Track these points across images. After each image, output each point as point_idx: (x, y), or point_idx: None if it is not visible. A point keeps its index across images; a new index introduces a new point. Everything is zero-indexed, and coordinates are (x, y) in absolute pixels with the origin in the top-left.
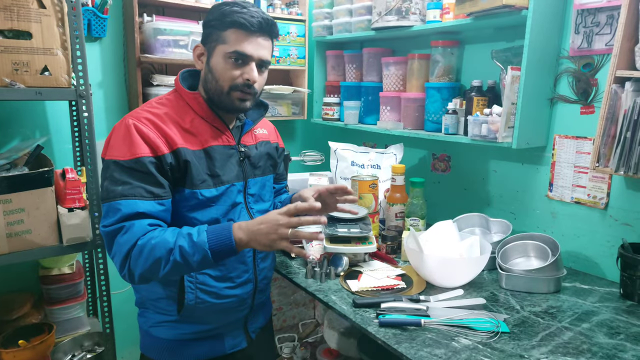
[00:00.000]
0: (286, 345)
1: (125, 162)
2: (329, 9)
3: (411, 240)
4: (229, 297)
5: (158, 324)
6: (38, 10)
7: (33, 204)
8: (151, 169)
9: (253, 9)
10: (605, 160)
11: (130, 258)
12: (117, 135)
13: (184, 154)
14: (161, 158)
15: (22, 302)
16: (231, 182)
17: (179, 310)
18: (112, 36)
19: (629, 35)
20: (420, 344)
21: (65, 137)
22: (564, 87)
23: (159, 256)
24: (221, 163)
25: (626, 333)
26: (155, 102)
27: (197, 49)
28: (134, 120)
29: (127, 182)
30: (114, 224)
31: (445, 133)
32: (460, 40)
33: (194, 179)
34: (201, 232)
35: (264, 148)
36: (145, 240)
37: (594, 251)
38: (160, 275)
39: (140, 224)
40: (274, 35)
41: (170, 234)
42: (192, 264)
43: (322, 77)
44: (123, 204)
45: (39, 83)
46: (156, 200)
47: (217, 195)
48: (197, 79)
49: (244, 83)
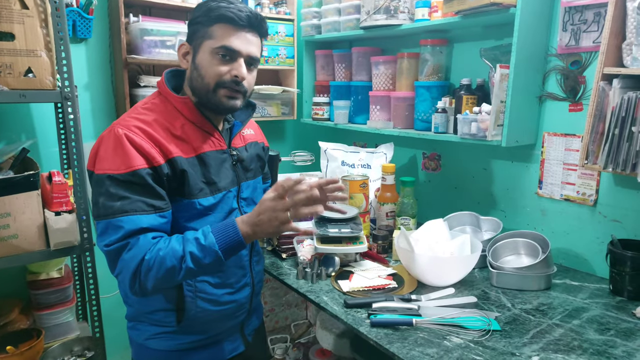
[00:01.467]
0: (279, 347)
1: (120, 175)
2: (317, 8)
3: (402, 239)
4: (228, 303)
5: (155, 335)
6: (20, 11)
7: (19, 209)
8: (149, 181)
9: (241, 5)
10: (594, 157)
11: (140, 273)
12: (107, 146)
13: (180, 163)
14: (157, 169)
15: (10, 307)
16: (227, 189)
17: (179, 321)
18: (98, 37)
19: (616, 32)
20: (412, 344)
21: (51, 140)
22: (552, 85)
23: (171, 266)
24: (216, 169)
25: (616, 329)
26: (142, 107)
27: (182, 48)
28: (124, 129)
29: (125, 196)
30: (117, 242)
31: (435, 132)
32: (449, 38)
33: (191, 188)
34: (207, 234)
35: (253, 149)
36: (153, 254)
37: (584, 248)
38: (174, 284)
39: (145, 239)
40: (263, 33)
41: (177, 242)
42: (205, 267)
43: (312, 76)
44: (125, 221)
45: (22, 85)
46: (157, 213)
47: (214, 204)
48: (181, 79)
49: (232, 80)
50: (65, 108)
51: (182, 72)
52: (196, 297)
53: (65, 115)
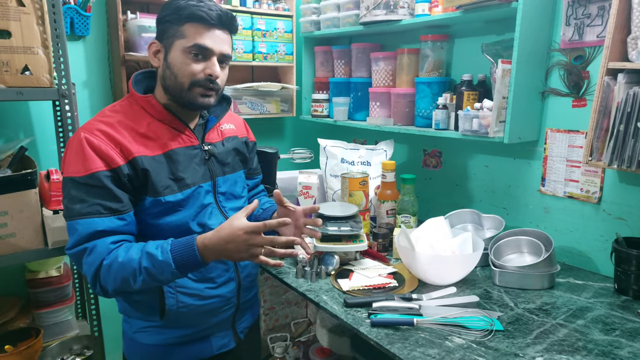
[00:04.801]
0: (278, 345)
1: (80, 178)
2: (316, 4)
3: (402, 237)
4: (212, 297)
5: (142, 329)
6: (17, 8)
7: (17, 207)
8: (107, 183)
9: (210, 3)
10: (598, 153)
11: (100, 277)
12: (70, 150)
13: (141, 162)
14: (117, 170)
15: (9, 306)
16: (197, 184)
17: (162, 316)
18: (96, 34)
19: (620, 26)
20: (413, 344)
21: (49, 137)
22: (555, 80)
23: (126, 276)
24: (184, 165)
25: (621, 329)
26: (109, 110)
27: (153, 46)
28: (86, 133)
29: (83, 199)
30: (75, 246)
31: (436, 128)
32: (449, 34)
33: (155, 186)
34: (165, 251)
35: (231, 144)
36: (110, 260)
37: (588, 246)
38: (133, 290)
39: (102, 244)
40: (234, 30)
41: (136, 252)
42: (162, 281)
43: (311, 73)
44: (81, 224)
45: (19, 83)
46: (115, 215)
47: (183, 199)
48: (153, 80)
49: (206, 78)
50: (63, 106)
51: (153, 72)
52: (177, 292)
53: (63, 113)
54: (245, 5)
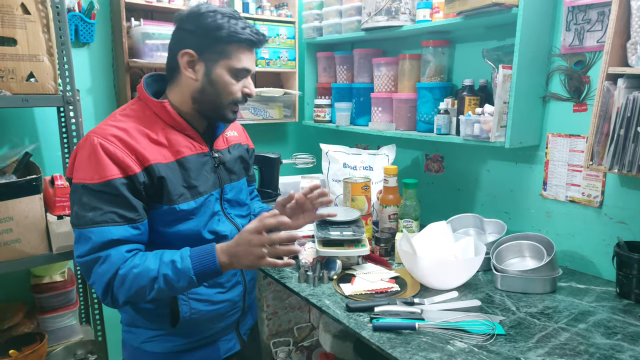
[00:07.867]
0: (281, 350)
1: (94, 185)
2: (318, 10)
3: (404, 242)
4: (221, 302)
5: (150, 338)
6: (23, 16)
7: (22, 213)
8: (123, 191)
9: (251, 25)
10: (599, 158)
11: (113, 287)
12: (82, 155)
13: (157, 170)
14: (133, 178)
15: (14, 311)
16: (209, 192)
17: (174, 325)
18: (100, 41)
19: (620, 31)
20: (415, 348)
21: (54, 144)
22: (556, 85)
23: (143, 285)
24: (196, 173)
25: (623, 333)
26: (120, 114)
27: (186, 56)
28: (100, 138)
29: (97, 207)
30: (88, 254)
31: (438, 133)
32: (451, 39)
33: (171, 194)
34: (185, 258)
35: (236, 151)
36: (126, 270)
37: (590, 250)
38: (145, 301)
39: (117, 252)
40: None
41: (153, 260)
42: (177, 289)
43: (313, 79)
44: (94, 232)
45: (25, 90)
46: (130, 224)
47: (196, 208)
48: (162, 84)
49: (243, 97)
50: (68, 112)
51: (162, 76)
52: (189, 298)
53: (67, 119)
54: (248, 11)
